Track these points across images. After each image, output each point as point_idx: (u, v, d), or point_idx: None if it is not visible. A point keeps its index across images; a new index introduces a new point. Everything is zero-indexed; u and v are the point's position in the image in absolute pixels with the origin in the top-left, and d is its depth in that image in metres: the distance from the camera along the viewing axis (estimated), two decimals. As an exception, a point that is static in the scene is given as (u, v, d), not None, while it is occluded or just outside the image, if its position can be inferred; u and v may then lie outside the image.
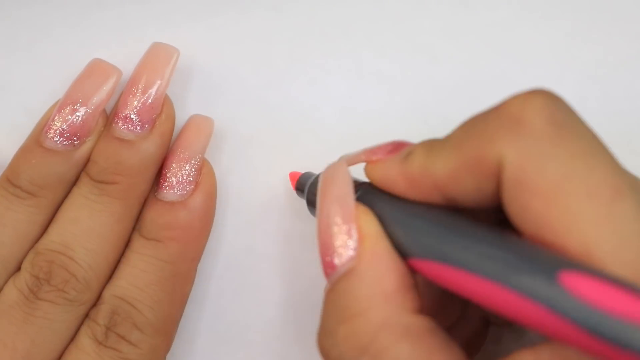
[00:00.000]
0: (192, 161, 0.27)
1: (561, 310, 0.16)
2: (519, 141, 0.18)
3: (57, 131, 0.26)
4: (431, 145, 0.20)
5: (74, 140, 0.26)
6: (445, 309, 0.23)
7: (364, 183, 0.23)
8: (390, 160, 0.21)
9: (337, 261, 0.20)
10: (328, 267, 0.21)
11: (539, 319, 0.17)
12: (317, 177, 0.25)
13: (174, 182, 0.26)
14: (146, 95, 0.26)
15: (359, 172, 0.23)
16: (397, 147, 0.22)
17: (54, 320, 0.25)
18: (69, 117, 0.26)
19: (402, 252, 0.20)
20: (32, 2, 0.29)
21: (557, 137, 0.18)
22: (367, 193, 0.22)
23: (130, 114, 0.26)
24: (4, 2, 0.29)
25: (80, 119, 0.26)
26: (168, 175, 0.27)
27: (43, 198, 0.26)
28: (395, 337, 0.19)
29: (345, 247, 0.20)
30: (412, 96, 0.29)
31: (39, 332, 0.25)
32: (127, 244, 0.27)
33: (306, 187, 0.26)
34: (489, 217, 0.20)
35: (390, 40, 0.29)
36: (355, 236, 0.21)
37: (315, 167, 0.28)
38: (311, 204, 0.25)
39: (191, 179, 0.27)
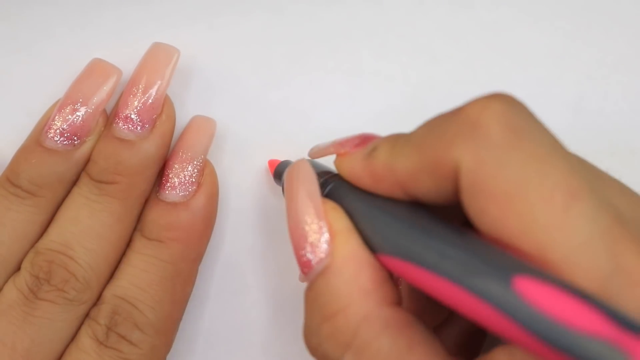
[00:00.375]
0: (195, 162, 0.27)
1: (512, 314, 0.16)
2: (476, 146, 0.18)
3: (58, 131, 0.26)
4: (395, 141, 0.21)
5: (74, 140, 0.26)
6: (433, 306, 0.24)
7: (336, 175, 0.23)
8: (356, 154, 0.22)
9: (312, 259, 0.21)
10: (304, 266, 0.21)
11: (492, 321, 0.17)
12: None
13: (177, 183, 0.26)
14: (146, 95, 0.26)
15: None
16: (364, 141, 0.22)
17: (54, 320, 0.25)
18: (69, 116, 0.26)
19: (371, 248, 0.21)
20: (32, 2, 0.29)
21: (513, 142, 0.18)
22: (338, 186, 0.22)
23: (131, 114, 0.26)
24: (4, 2, 0.29)
25: (80, 118, 0.26)
26: (170, 175, 0.27)
27: (43, 198, 0.26)
28: (376, 331, 0.19)
29: (318, 245, 0.21)
30: (412, 96, 0.29)
31: (39, 332, 0.25)
32: (129, 244, 0.27)
33: (283, 176, 0.26)
34: (455, 213, 0.20)
35: (390, 41, 0.29)
36: (326, 233, 0.21)
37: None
38: None
39: (193, 180, 0.27)
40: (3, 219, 0.26)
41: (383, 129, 0.29)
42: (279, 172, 0.27)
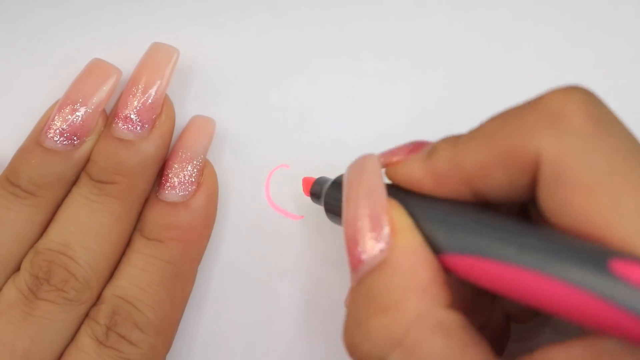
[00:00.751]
0: (194, 162, 0.27)
1: (615, 299, 0.16)
2: (559, 135, 0.18)
3: (57, 131, 0.26)
4: (456, 139, 0.20)
5: (74, 140, 0.26)
6: (475, 310, 0.23)
7: (388, 185, 0.22)
8: (412, 159, 0.21)
9: (366, 255, 0.20)
10: (356, 259, 0.20)
11: (587, 309, 0.16)
12: (335, 181, 0.25)
13: (176, 183, 0.26)
14: (146, 95, 0.26)
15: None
16: (417, 147, 0.22)
17: (54, 320, 0.25)
18: (69, 116, 0.26)
19: (434, 249, 0.20)
20: (32, 2, 0.29)
21: (597, 133, 0.18)
22: (393, 194, 0.21)
23: (130, 114, 0.26)
24: (4, 2, 0.29)
25: (80, 118, 0.26)
26: (170, 175, 0.27)
27: (42, 198, 0.26)
28: (429, 331, 0.19)
29: (377, 240, 0.20)
30: (412, 96, 0.29)
31: (39, 332, 0.25)
32: (129, 244, 0.27)
33: (323, 192, 0.25)
34: (514, 213, 0.20)
35: (390, 41, 0.29)
36: (387, 229, 0.20)
37: (315, 166, 0.28)
38: (330, 210, 0.25)
39: (193, 180, 0.27)
40: (3, 218, 0.26)
41: (383, 130, 0.29)
42: (317, 189, 0.26)
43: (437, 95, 0.29)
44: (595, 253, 0.17)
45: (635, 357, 0.17)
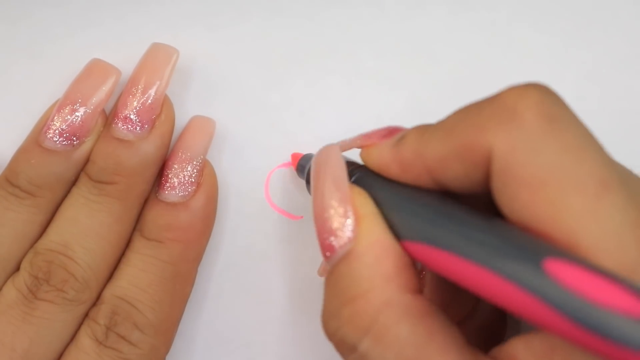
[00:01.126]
0: (194, 162, 0.27)
1: (544, 297, 0.16)
2: (510, 132, 0.18)
3: (57, 131, 0.26)
4: (424, 129, 0.21)
5: (73, 140, 0.26)
6: (456, 300, 0.24)
7: (361, 166, 0.23)
8: (383, 144, 0.22)
9: (335, 243, 0.21)
10: (327, 249, 0.21)
11: (522, 305, 0.17)
12: None
13: (176, 183, 0.26)
14: (146, 95, 0.26)
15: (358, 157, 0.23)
16: (391, 132, 0.22)
17: (53, 320, 0.25)
18: (68, 117, 0.26)
19: (396, 235, 0.21)
20: (32, 2, 0.29)
21: (548, 130, 0.18)
22: (364, 176, 0.22)
23: (130, 115, 0.26)
24: (4, 3, 0.29)
25: (79, 119, 0.26)
26: (170, 176, 0.27)
27: (42, 198, 0.26)
28: (396, 317, 0.19)
29: (342, 229, 0.21)
30: (412, 96, 0.29)
31: (38, 332, 0.25)
32: (128, 244, 0.27)
33: (306, 168, 0.26)
34: (481, 203, 0.20)
35: (389, 41, 0.29)
36: (351, 217, 0.21)
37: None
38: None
39: (193, 180, 0.27)
40: (2, 219, 0.26)
41: (383, 129, 0.29)
42: (302, 164, 0.27)
43: (437, 95, 0.29)
44: (533, 251, 0.17)
45: (584, 352, 0.17)
